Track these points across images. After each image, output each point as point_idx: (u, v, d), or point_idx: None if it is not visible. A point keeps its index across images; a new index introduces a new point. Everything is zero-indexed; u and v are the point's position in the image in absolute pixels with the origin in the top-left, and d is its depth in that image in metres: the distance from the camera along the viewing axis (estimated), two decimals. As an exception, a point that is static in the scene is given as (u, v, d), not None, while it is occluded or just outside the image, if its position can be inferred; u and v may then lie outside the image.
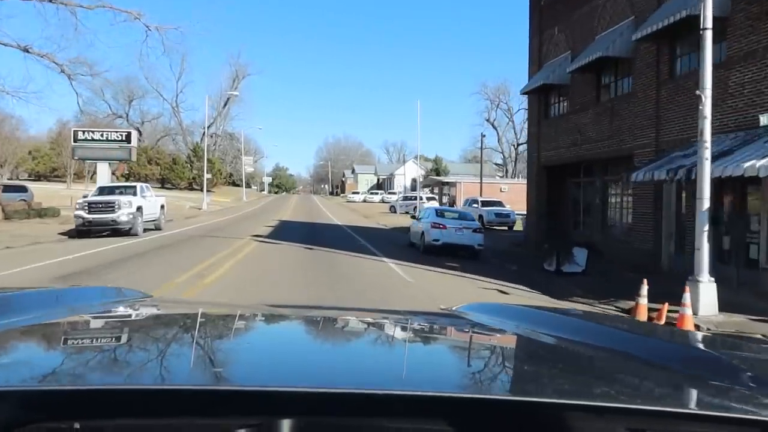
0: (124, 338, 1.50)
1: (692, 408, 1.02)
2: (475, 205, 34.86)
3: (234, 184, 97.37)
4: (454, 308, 2.15)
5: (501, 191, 61.51)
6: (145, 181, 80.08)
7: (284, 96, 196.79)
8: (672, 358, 1.36)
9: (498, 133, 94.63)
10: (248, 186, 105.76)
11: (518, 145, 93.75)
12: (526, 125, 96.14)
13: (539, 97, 23.32)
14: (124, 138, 33.84)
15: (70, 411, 0.89)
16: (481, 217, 33.97)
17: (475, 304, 2.15)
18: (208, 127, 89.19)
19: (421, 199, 49.49)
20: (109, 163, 34.82)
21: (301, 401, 0.91)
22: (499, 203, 36.27)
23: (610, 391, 1.10)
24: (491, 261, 18.15)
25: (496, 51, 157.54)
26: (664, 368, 1.27)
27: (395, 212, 50.96)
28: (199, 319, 1.82)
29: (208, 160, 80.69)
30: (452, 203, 59.97)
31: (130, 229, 21.32)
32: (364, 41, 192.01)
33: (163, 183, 77.82)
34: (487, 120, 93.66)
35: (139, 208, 22.01)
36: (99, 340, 1.49)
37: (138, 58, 77.09)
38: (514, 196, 52.15)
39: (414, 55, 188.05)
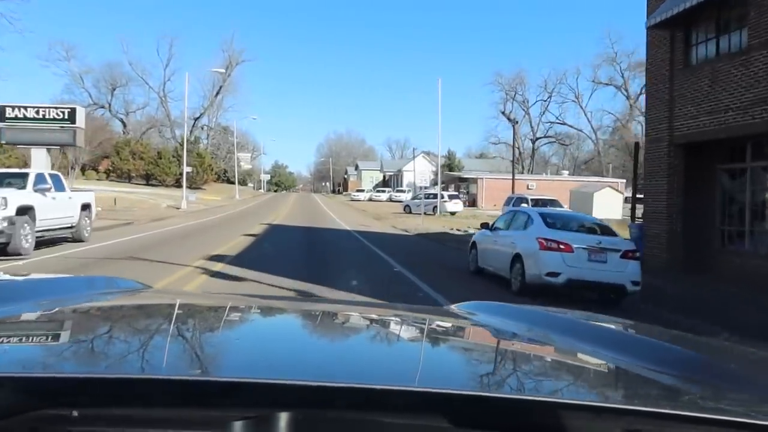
0: (123, 327, 1.46)
1: (689, 410, 0.95)
2: (524, 205, 26.03)
3: (229, 181, 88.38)
4: (453, 306, 2.09)
5: (528, 188, 52.91)
6: (129, 178, 71.72)
7: (284, 94, 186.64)
8: (671, 360, 1.30)
9: (513, 126, 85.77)
10: (244, 183, 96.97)
11: (536, 139, 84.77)
12: (543, 118, 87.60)
13: (673, 33, 14.37)
14: (66, 116, 24.81)
15: (68, 399, 0.87)
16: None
17: (474, 303, 2.06)
18: (198, 118, 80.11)
19: (442, 197, 40.71)
20: (48, 150, 25.94)
21: (299, 394, 0.89)
22: (554, 202, 27.34)
23: (608, 391, 1.09)
24: (646, 311, 9.34)
25: (509, 41, 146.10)
26: (662, 370, 1.22)
27: (410, 212, 42.23)
28: (199, 310, 1.78)
29: (197, 154, 71.56)
30: (472, 202, 51.23)
31: (7, 244, 12.43)
32: (364, 37, 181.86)
33: (148, 179, 68.64)
34: (503, 112, 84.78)
35: (26, 210, 13.01)
36: (98, 328, 1.44)
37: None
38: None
39: (419, 49, 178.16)
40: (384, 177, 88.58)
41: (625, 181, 55.45)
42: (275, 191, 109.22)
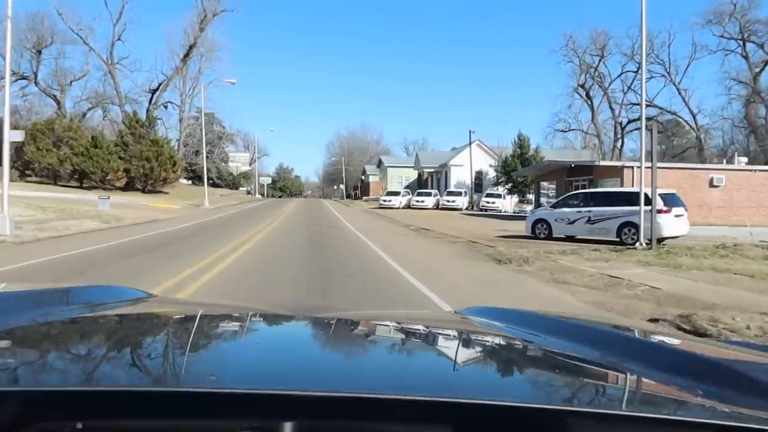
0: (127, 338, 1.41)
1: (691, 416, 0.93)
2: None
3: (214, 183, 64.85)
4: (458, 311, 2.02)
5: (712, 185, 28.65)
6: (55, 178, 45.12)
7: (288, 97, 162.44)
8: (679, 364, 1.25)
9: (593, 107, 61.26)
10: (234, 187, 73.06)
11: (627, 122, 60.17)
12: (628, 97, 62.20)
13: None
14: None
15: (72, 412, 0.85)
16: None
17: (478, 308, 1.96)
18: (156, 91, 55.26)
19: (648, 201, 16.29)
20: None
21: (303, 405, 0.87)
22: None
23: (612, 397, 1.08)
24: None
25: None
26: (670, 375, 1.18)
27: (550, 236, 18.05)
28: (203, 320, 1.70)
29: (153, 142, 47.55)
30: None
31: None
32: (378, 36, 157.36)
33: (81, 179, 44.56)
34: (581, 86, 60.27)
35: None
36: (102, 339, 1.38)
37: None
38: (740, 196, 20.43)
39: (445, 22, 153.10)
40: (420, 176, 63.75)
41: None
42: (279, 197, 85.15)
